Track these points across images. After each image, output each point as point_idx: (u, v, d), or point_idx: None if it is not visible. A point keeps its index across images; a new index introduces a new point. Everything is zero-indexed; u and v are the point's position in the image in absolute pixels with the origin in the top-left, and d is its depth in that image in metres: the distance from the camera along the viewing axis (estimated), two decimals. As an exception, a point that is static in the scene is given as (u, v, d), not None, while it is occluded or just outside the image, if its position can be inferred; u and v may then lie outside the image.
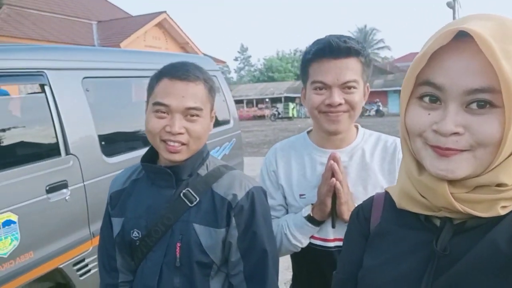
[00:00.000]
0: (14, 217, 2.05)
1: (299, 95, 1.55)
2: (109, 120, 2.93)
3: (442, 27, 0.63)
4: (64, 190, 2.36)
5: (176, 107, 1.03)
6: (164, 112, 1.04)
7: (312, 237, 1.22)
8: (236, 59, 69.43)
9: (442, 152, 0.60)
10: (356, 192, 1.18)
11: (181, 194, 1.08)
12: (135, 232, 1.10)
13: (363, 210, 0.81)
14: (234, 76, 69.97)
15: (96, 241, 2.39)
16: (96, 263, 1.91)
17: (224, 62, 21.52)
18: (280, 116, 28.31)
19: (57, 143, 2.38)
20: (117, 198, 1.18)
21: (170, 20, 15.27)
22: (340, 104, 1.13)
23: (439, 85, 0.60)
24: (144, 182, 1.15)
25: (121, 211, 1.15)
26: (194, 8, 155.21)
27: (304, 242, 1.22)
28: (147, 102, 1.10)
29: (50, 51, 2.68)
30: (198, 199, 1.07)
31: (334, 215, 1.17)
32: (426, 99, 0.62)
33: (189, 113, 1.05)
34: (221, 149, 4.02)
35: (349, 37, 1.15)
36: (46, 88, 2.38)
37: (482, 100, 0.57)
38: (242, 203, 1.06)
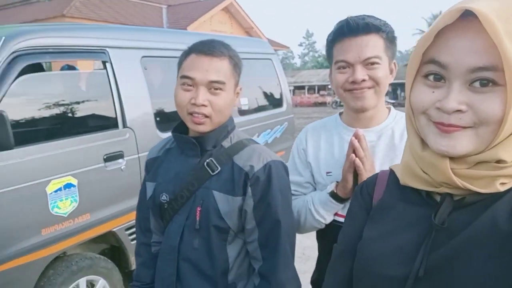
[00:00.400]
0: (74, 181, 2.28)
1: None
2: (165, 98, 3.07)
3: (450, 7, 0.63)
4: (120, 160, 2.55)
5: (200, 80, 1.10)
6: (190, 85, 1.11)
7: (336, 214, 1.24)
8: (300, 45, 68.76)
9: (444, 128, 0.61)
10: None
11: (205, 164, 1.15)
12: (163, 196, 1.19)
13: (367, 186, 0.82)
14: (297, 61, 69.36)
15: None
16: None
17: (287, 48, 21.40)
18: (341, 103, 27.30)
19: (115, 117, 2.57)
20: (151, 165, 1.29)
21: (236, 4, 15.47)
22: (363, 80, 1.13)
23: (443, 64, 0.60)
24: (175, 151, 1.24)
25: (154, 176, 1.25)
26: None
27: (328, 218, 1.23)
28: (177, 77, 1.17)
29: (112, 30, 2.87)
30: (219, 168, 1.14)
31: None
32: (431, 77, 0.63)
33: (213, 86, 1.11)
34: (272, 132, 4.06)
35: (369, 15, 1.15)
36: (108, 65, 2.57)
37: (485, 79, 0.58)
38: (259, 174, 1.10)
